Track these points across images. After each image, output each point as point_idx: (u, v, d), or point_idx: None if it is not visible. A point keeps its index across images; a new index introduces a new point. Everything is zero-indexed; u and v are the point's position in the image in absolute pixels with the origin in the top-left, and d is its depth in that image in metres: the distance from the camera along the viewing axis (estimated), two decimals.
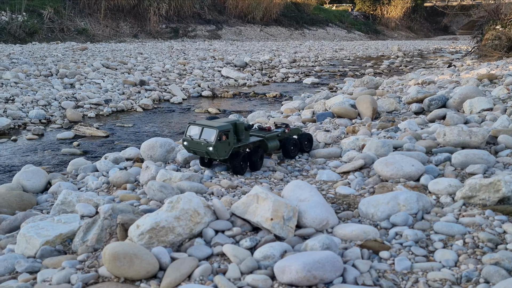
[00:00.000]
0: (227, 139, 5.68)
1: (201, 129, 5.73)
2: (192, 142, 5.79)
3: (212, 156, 5.79)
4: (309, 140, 7.25)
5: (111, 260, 3.37)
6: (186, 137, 5.90)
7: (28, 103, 15.61)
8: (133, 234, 3.81)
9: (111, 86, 19.15)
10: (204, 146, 5.64)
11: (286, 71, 26.11)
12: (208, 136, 5.63)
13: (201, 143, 5.67)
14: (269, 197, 4.10)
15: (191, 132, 5.85)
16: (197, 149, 5.82)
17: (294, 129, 7.18)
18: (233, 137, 5.81)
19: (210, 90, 20.05)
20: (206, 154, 5.79)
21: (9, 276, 3.74)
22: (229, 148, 5.77)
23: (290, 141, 6.70)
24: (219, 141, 5.58)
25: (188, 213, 3.98)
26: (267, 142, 6.46)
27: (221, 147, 5.66)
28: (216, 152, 5.63)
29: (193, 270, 3.47)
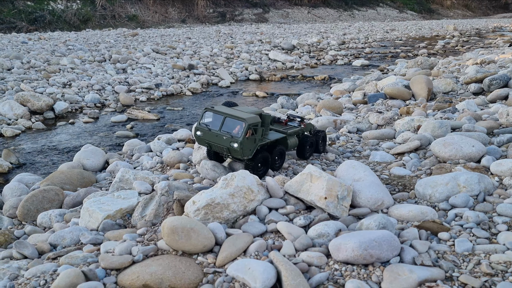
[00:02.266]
0: (253, 135, 4.61)
1: (223, 119, 4.58)
2: (209, 133, 4.64)
3: (235, 155, 4.68)
4: (324, 139, 6.05)
5: (170, 234, 3.47)
6: (200, 125, 4.71)
7: (84, 88, 16.26)
8: (189, 209, 3.90)
9: (161, 70, 19.56)
10: (227, 141, 4.54)
11: (335, 53, 25.61)
12: (232, 128, 4.53)
13: (222, 136, 4.56)
14: (322, 176, 4.06)
15: (208, 120, 4.71)
16: (215, 142, 4.66)
17: (308, 125, 6.02)
18: (261, 132, 4.75)
19: (257, 74, 20.03)
20: (226, 151, 4.67)
21: (75, 247, 3.95)
22: (254, 146, 4.70)
23: (308, 139, 5.69)
24: (246, 138, 4.52)
25: (242, 190, 4.01)
26: (288, 139, 5.42)
27: (247, 144, 4.58)
28: (241, 150, 4.53)
29: (248, 245, 3.51)
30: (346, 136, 7.06)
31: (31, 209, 5.00)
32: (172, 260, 3.37)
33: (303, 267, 3.25)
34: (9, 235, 4.49)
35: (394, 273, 3.10)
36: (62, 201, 5.20)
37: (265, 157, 4.93)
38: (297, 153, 5.79)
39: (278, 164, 5.28)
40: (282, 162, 5.32)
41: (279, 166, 5.31)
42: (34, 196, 5.08)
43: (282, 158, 5.29)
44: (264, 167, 5.00)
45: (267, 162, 5.00)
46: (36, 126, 12.53)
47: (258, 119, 4.66)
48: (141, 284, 3.14)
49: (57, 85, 16.27)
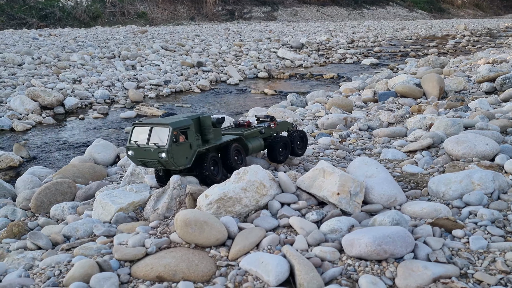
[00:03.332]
0: (186, 140, 4.20)
1: (149, 129, 4.14)
2: (139, 150, 4.18)
3: (168, 166, 4.20)
4: (302, 138, 5.46)
5: (183, 226, 3.48)
6: (130, 144, 4.25)
7: (94, 84, 16.35)
8: (201, 203, 3.91)
9: (170, 67, 19.62)
10: (155, 153, 4.08)
11: (344, 52, 25.53)
12: (158, 138, 4.08)
13: (150, 149, 4.10)
14: (335, 172, 4.05)
15: (137, 136, 4.23)
16: (146, 158, 4.19)
17: (283, 123, 5.54)
18: (195, 136, 4.31)
19: (266, 71, 20.02)
20: (159, 164, 4.20)
21: (88, 239, 3.98)
22: (191, 152, 4.25)
23: (278, 140, 5.10)
24: (175, 144, 4.07)
25: (254, 185, 4.01)
26: (247, 142, 4.90)
27: (178, 151, 4.12)
28: (172, 159, 4.06)
29: (261, 239, 3.52)
30: (356, 133, 7.04)
31: (44, 201, 5.04)
32: (185, 252, 3.38)
33: (316, 261, 3.25)
34: (23, 226, 4.53)
35: (408, 269, 3.09)
36: (75, 193, 5.24)
37: (215, 158, 4.53)
38: (269, 157, 5.20)
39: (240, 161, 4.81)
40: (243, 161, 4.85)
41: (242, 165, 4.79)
42: (47, 188, 5.12)
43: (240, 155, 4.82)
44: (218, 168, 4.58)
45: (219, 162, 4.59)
46: (46, 121, 12.63)
47: (187, 122, 4.21)
48: (155, 275, 3.15)
49: (67, 81, 16.38)
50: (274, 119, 5.43)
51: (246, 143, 4.88)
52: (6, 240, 4.36)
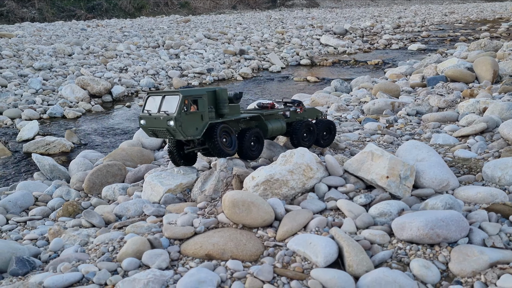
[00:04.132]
0: (197, 110, 4.03)
1: (161, 98, 4.04)
2: (150, 118, 4.06)
3: (177, 135, 4.02)
4: (330, 130, 5.16)
5: (231, 207, 3.51)
6: (143, 114, 4.15)
7: (139, 73, 16.75)
8: (248, 185, 3.93)
9: (212, 56, 19.77)
10: (164, 121, 3.93)
11: (389, 38, 24.80)
12: (169, 105, 3.95)
13: (159, 117, 3.96)
14: (384, 155, 3.95)
15: (150, 105, 4.13)
16: (156, 127, 4.05)
17: (311, 110, 5.25)
18: (207, 108, 4.12)
19: (308, 58, 19.79)
20: (168, 133, 4.05)
21: (139, 218, 4.09)
22: (202, 123, 4.08)
23: (303, 125, 4.83)
24: (184, 112, 3.93)
25: (301, 167, 3.99)
26: (266, 122, 4.65)
27: (188, 120, 3.95)
28: (180, 127, 3.89)
29: (308, 221, 3.49)
30: (404, 118, 6.84)
31: (96, 182, 5.23)
32: (233, 232, 3.41)
33: (365, 244, 3.19)
34: (77, 206, 4.73)
35: (463, 254, 2.98)
36: (124, 176, 5.41)
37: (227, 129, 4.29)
38: (292, 142, 4.96)
39: (255, 151, 4.56)
40: (259, 147, 4.59)
41: (255, 151, 4.58)
42: (99, 170, 5.31)
43: (258, 142, 4.56)
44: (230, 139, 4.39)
45: (232, 133, 4.38)
46: (95, 109, 13.09)
47: (199, 91, 4.07)
48: (204, 253, 3.20)
49: (114, 70, 16.86)
50: (301, 104, 5.20)
51: (265, 123, 4.63)
52: (62, 219, 4.57)
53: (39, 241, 4.04)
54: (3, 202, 5.08)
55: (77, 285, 2.96)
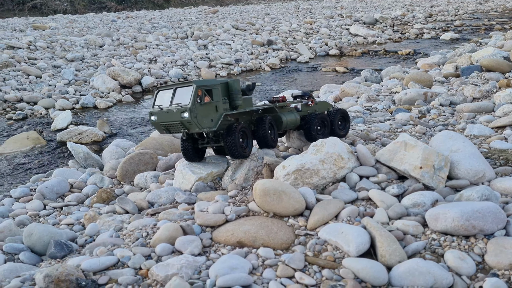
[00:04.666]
0: (212, 101, 3.92)
1: (173, 91, 3.93)
2: (162, 113, 3.91)
3: (192, 128, 3.86)
4: (344, 119, 5.07)
5: (262, 195, 3.52)
6: (153, 109, 4.01)
7: (168, 63, 16.92)
8: (279, 174, 3.93)
9: (240, 46, 19.77)
10: (177, 113, 3.78)
11: (421, 27, 24.20)
12: (182, 97, 3.82)
13: (172, 110, 3.82)
14: (418, 145, 3.88)
15: (161, 100, 4.01)
16: (169, 121, 3.90)
17: (322, 103, 5.16)
18: (222, 99, 4.02)
19: (337, 49, 19.55)
20: (182, 126, 3.89)
21: (171, 205, 4.16)
22: (217, 114, 3.95)
23: (316, 118, 4.71)
24: (199, 103, 3.80)
25: (332, 157, 3.96)
26: (280, 114, 4.54)
27: (203, 112, 3.82)
28: (195, 119, 3.75)
29: (339, 211, 3.48)
30: (437, 109, 6.69)
31: (128, 170, 5.34)
32: (264, 220, 3.43)
33: (398, 235, 3.16)
34: (111, 193, 4.84)
35: (500, 246, 2.91)
36: (156, 164, 5.50)
37: (245, 129, 4.18)
38: (306, 136, 4.83)
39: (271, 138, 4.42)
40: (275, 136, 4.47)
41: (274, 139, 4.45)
42: (132, 158, 5.42)
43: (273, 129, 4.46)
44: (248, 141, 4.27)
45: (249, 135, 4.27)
46: (125, 99, 13.32)
47: (213, 82, 3.97)
48: (235, 240, 3.23)
49: (144, 60, 17.10)
50: (311, 97, 5.07)
51: (279, 115, 4.52)
52: (96, 205, 4.69)
53: (75, 226, 4.17)
54: (40, 188, 5.25)
55: (112, 268, 3.04)
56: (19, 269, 3.21)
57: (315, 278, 2.85)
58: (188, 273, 2.87)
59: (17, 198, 5.33)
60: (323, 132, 4.85)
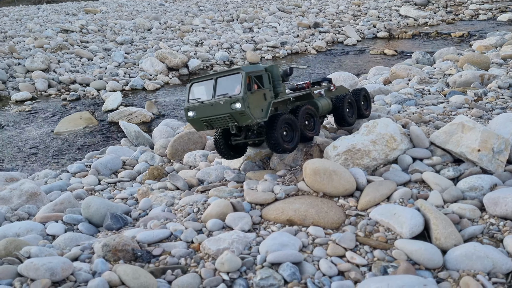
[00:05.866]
0: (261, 88, 3.51)
1: (214, 81, 3.49)
2: (203, 107, 3.48)
3: (243, 120, 3.43)
4: (366, 98, 4.76)
5: (312, 175, 3.50)
6: (190, 104, 3.58)
7: (214, 46, 17.03)
8: (329, 154, 3.89)
9: (286, 29, 19.57)
10: (226, 105, 3.37)
11: (476, 8, 22.99)
12: (228, 87, 3.41)
13: (219, 103, 3.39)
14: (477, 127, 3.72)
15: (198, 93, 3.60)
16: (213, 115, 3.47)
17: (340, 88, 4.90)
18: (270, 85, 3.66)
19: (386, 31, 18.95)
20: (231, 119, 3.46)
21: (220, 183, 4.23)
22: (266, 103, 3.56)
23: (344, 100, 4.39)
24: (250, 92, 3.40)
25: (384, 138, 3.87)
26: (316, 100, 4.18)
27: (254, 101, 3.42)
28: (248, 109, 3.32)
29: (392, 192, 3.40)
30: (495, 92, 6.37)
31: (178, 149, 5.46)
32: (314, 200, 3.41)
33: (454, 218, 3.06)
34: (161, 170, 4.97)
35: None
36: (205, 143, 5.58)
37: (289, 120, 3.71)
38: (336, 121, 4.54)
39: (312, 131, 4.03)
40: (317, 128, 4.08)
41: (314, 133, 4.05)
42: (181, 137, 5.53)
43: (315, 122, 4.05)
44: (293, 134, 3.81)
45: (294, 127, 3.80)
46: (172, 81, 13.56)
47: (259, 67, 3.63)
48: (285, 218, 3.24)
49: (190, 43, 17.28)
50: (331, 81, 4.81)
51: (315, 101, 4.20)
52: (148, 181, 4.84)
53: (129, 201, 4.32)
54: (95, 164, 5.47)
55: (166, 241, 3.13)
56: (78, 238, 3.37)
57: (366, 258, 2.82)
58: (239, 248, 2.91)
59: (74, 173, 5.59)
60: (352, 114, 4.57)
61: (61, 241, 3.32)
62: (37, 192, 4.35)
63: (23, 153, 8.13)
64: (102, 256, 2.88)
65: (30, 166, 7.41)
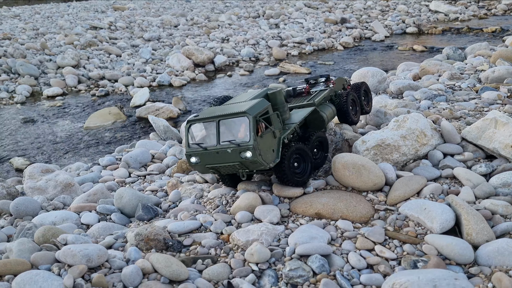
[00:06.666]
0: (269, 127, 3.14)
1: (216, 124, 3.09)
2: (208, 154, 3.14)
3: (254, 167, 3.13)
4: (367, 93, 4.56)
5: (341, 169, 3.51)
6: (191, 149, 3.22)
7: (240, 43, 17.08)
8: (358, 149, 3.88)
9: (312, 25, 19.45)
10: (234, 154, 3.03)
11: (510, 3, 22.31)
12: (233, 132, 3.07)
13: (226, 150, 3.05)
14: (510, 122, 3.64)
15: (199, 136, 3.25)
16: (220, 163, 3.14)
17: (339, 80, 4.59)
18: (278, 120, 3.30)
19: (415, 26, 18.60)
20: (241, 167, 3.16)
21: None
22: (275, 142, 3.21)
23: (346, 97, 4.14)
24: (259, 136, 3.04)
25: (414, 133, 3.83)
26: (321, 111, 3.85)
27: (265, 144, 3.10)
28: (260, 157, 3.03)
29: (422, 187, 3.38)
30: None
31: None
32: (343, 194, 3.42)
33: (486, 214, 3.01)
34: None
35: None
36: None
37: (301, 151, 3.42)
38: (340, 119, 4.35)
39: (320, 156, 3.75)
40: (327, 148, 3.79)
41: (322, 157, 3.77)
42: None
43: (325, 144, 3.78)
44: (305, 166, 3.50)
45: (307, 157, 3.48)
46: (199, 78, 13.68)
47: (264, 103, 3.24)
48: (314, 212, 3.26)
49: (217, 40, 17.38)
50: (329, 78, 4.48)
51: (320, 114, 3.86)
52: (176, 174, 4.92)
53: (159, 193, 4.41)
54: (125, 157, 5.60)
55: (196, 232, 3.20)
56: (111, 227, 3.47)
57: (395, 252, 2.82)
58: (268, 240, 2.95)
59: (105, 166, 5.73)
60: (356, 111, 4.37)
61: (95, 230, 3.42)
62: (71, 183, 4.49)
63: (54, 147, 8.38)
64: (135, 245, 2.96)
65: (62, 159, 7.63)
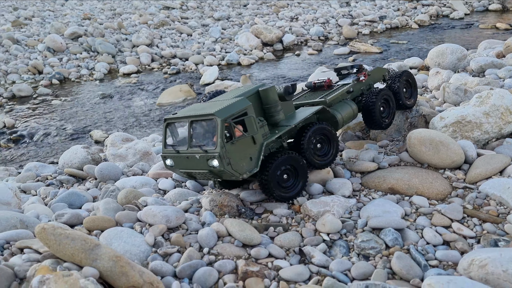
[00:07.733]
0: (245, 133, 2.74)
1: (189, 125, 2.75)
2: (179, 158, 2.84)
3: (226, 176, 2.77)
4: (410, 84, 3.85)
5: (417, 145, 3.40)
6: (166, 150, 2.92)
7: (309, 21, 16.84)
8: (436, 125, 3.73)
9: (386, 2, 18.71)
10: (203, 161, 2.69)
11: None
12: (203, 135, 2.73)
13: (195, 156, 2.71)
14: None
15: (174, 138, 2.94)
16: (191, 169, 2.84)
17: (376, 71, 3.91)
18: (257, 123, 2.83)
19: (499, 3, 17.28)
20: (212, 175, 2.80)
21: None
22: (255, 148, 2.78)
23: (375, 97, 3.48)
24: (229, 142, 2.68)
25: (498, 110, 3.61)
26: (333, 111, 3.33)
27: (236, 152, 2.70)
28: (229, 166, 2.65)
29: (505, 166, 3.20)
30: None
31: None
32: (418, 170, 3.32)
33: None
34: None
35: None
36: None
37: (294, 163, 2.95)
38: (366, 123, 3.68)
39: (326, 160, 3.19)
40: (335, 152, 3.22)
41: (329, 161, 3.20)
42: None
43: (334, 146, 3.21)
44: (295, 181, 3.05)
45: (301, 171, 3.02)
46: (267, 57, 13.71)
47: (241, 104, 2.78)
48: (387, 187, 3.20)
49: (286, 18, 17.27)
50: (362, 69, 3.83)
51: (332, 114, 3.32)
52: None
53: None
54: None
55: (266, 201, 3.26)
56: (186, 194, 3.63)
57: (474, 230, 2.71)
58: (339, 212, 2.95)
59: None
60: (388, 113, 3.65)
61: (171, 195, 3.60)
62: (149, 151, 4.74)
63: (130, 121, 8.84)
64: (210, 210, 3.08)
65: (137, 132, 8.05)
